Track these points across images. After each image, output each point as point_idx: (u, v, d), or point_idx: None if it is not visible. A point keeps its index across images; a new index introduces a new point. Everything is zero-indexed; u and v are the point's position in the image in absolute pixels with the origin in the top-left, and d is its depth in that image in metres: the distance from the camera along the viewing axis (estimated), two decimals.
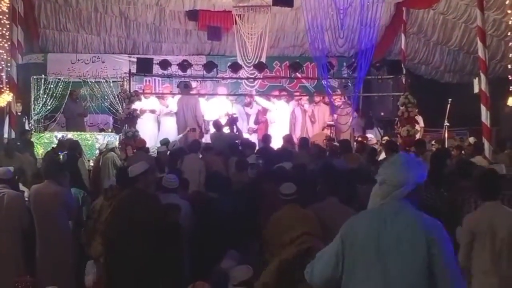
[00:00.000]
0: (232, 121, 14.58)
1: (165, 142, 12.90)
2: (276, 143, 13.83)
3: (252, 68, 16.67)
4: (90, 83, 18.46)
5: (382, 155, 12.84)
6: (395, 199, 3.72)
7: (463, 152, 13.11)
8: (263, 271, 5.98)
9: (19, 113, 14.67)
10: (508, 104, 14.15)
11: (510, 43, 14.97)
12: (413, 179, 3.72)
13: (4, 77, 13.25)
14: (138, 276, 6.48)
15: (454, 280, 3.60)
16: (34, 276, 6.91)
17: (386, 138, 15.01)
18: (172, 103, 16.69)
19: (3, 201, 7.80)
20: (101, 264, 7.26)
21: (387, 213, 3.70)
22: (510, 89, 13.89)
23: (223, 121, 14.80)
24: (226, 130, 14.47)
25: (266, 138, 13.67)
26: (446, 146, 14.43)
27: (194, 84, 16.85)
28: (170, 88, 17.97)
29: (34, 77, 17.90)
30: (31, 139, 14.03)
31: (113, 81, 18.55)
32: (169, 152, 12.13)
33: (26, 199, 8.42)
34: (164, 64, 15.02)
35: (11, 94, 13.19)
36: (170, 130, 16.34)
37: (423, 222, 3.65)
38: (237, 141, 13.33)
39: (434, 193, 7.68)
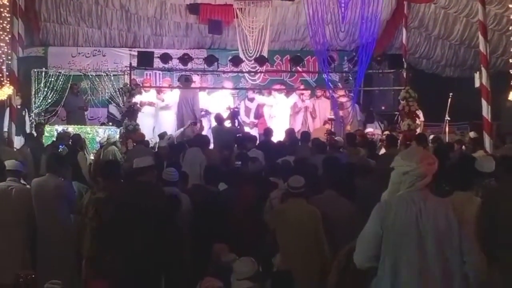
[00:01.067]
0: (234, 114, 14.61)
1: (162, 136, 12.89)
2: (277, 137, 13.85)
3: (253, 62, 16.69)
4: (90, 76, 18.47)
5: (383, 150, 12.87)
6: (419, 188, 4.35)
7: (464, 146, 13.11)
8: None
9: (19, 107, 14.63)
10: (509, 98, 14.16)
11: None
12: (432, 171, 4.38)
13: (5, 70, 13.21)
14: (141, 268, 6.48)
15: (478, 255, 4.30)
16: (35, 270, 6.91)
17: (386, 132, 15.03)
18: (169, 96, 16.74)
19: (11, 195, 7.78)
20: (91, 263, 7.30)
21: (419, 199, 4.31)
22: (511, 84, 13.88)
23: (225, 114, 14.81)
24: (227, 123, 14.50)
25: (267, 132, 13.69)
26: (447, 140, 14.45)
27: (195, 78, 16.85)
28: (170, 81, 17.97)
29: (35, 70, 17.91)
30: (41, 133, 14.05)
31: (113, 75, 18.56)
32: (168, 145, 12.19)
33: None
34: (165, 58, 15.03)
35: (12, 88, 13.16)
36: (167, 124, 16.38)
37: (451, 206, 4.36)
38: (238, 135, 13.37)
39: (435, 186, 7.69)
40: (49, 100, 17.66)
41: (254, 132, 16.29)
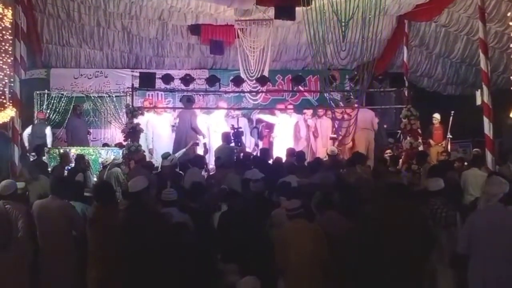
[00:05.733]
0: (237, 135, 14.65)
1: (166, 156, 12.91)
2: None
3: (254, 81, 16.66)
4: (93, 98, 18.55)
5: None
6: (492, 203, 6.19)
7: (465, 164, 13.09)
8: None
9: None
10: (510, 116, 14.13)
11: None
12: (502, 191, 6.18)
13: (7, 92, 13.22)
14: None
15: None
16: None
17: (388, 151, 15.03)
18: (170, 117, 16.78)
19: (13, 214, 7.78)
20: None
21: (492, 212, 6.17)
22: None
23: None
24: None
25: (264, 152, 13.74)
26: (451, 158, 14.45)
27: (196, 98, 16.85)
28: (171, 102, 18.00)
29: (37, 92, 18.04)
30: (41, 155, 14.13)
31: (116, 96, 18.64)
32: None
33: None
34: (167, 79, 15.02)
35: (14, 110, 13.18)
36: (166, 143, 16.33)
37: None
38: (242, 154, 13.45)
39: (440, 202, 7.86)
40: (52, 122, 17.70)
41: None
